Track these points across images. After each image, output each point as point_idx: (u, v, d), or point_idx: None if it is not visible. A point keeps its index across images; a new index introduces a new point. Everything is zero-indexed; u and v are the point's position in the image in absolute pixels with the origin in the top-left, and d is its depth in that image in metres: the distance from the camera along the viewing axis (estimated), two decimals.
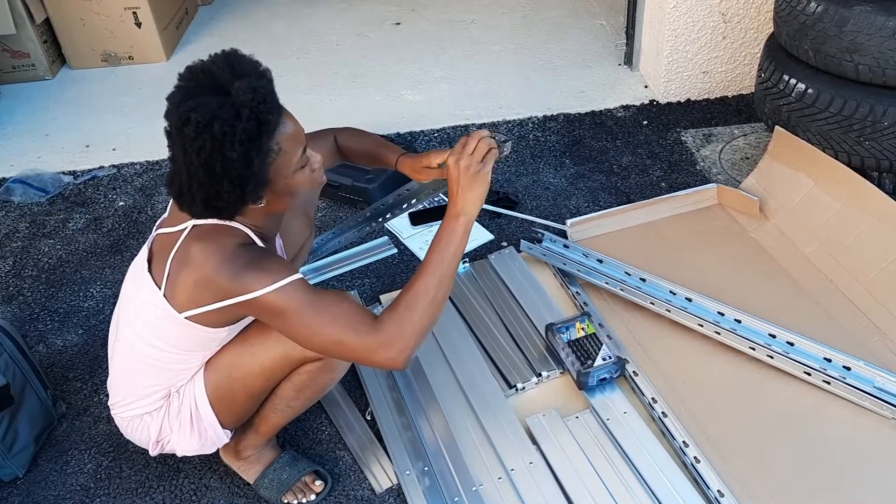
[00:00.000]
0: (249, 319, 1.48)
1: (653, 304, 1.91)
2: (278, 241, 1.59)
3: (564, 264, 2.06)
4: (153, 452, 1.56)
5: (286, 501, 1.61)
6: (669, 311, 1.89)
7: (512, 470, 1.61)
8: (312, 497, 1.62)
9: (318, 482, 1.64)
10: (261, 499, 1.63)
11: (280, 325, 1.34)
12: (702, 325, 1.84)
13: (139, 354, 1.47)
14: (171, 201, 1.50)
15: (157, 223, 1.51)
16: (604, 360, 1.75)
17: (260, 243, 1.41)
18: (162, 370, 1.48)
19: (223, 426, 1.53)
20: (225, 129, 1.22)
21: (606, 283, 1.98)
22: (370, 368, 1.86)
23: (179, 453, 1.57)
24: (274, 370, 1.48)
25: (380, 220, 1.93)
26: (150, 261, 1.45)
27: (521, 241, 2.17)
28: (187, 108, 1.23)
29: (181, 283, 1.36)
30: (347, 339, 1.31)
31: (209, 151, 1.23)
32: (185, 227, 1.39)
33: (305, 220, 1.74)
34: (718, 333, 1.82)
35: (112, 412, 1.57)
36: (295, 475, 1.62)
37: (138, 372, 1.49)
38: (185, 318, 1.38)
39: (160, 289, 1.39)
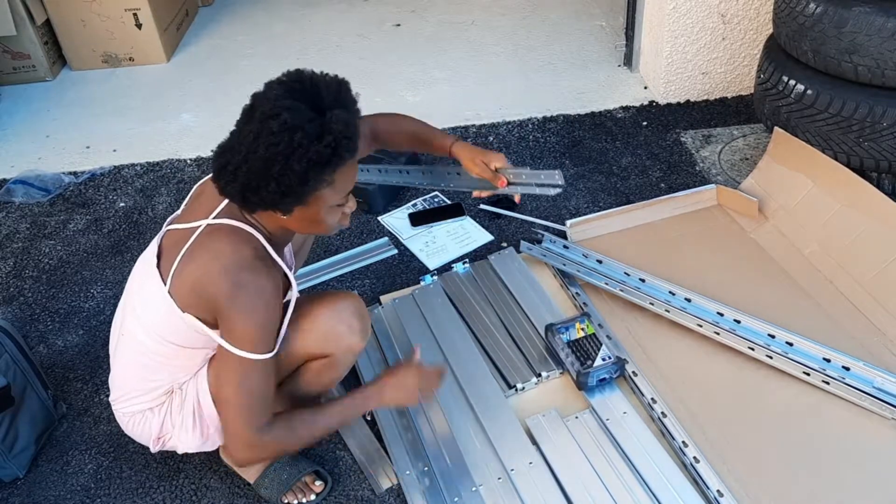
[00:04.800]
0: None
1: (652, 304, 1.92)
2: (287, 247, 1.60)
3: (564, 265, 2.07)
4: (154, 449, 1.57)
5: (286, 501, 1.61)
6: (669, 311, 1.89)
7: (512, 470, 1.61)
8: (312, 497, 1.62)
9: (318, 482, 1.64)
10: (261, 499, 1.63)
11: (222, 359, 1.41)
12: (701, 326, 1.85)
13: (143, 349, 1.47)
14: (187, 199, 1.52)
15: (169, 219, 1.52)
16: (603, 360, 1.75)
17: (271, 250, 1.42)
18: (165, 366, 1.48)
19: None
20: (303, 142, 1.25)
21: (606, 284, 1.98)
22: (370, 368, 1.86)
23: (181, 450, 1.57)
24: (277, 368, 1.48)
25: (414, 182, 1.96)
26: (159, 256, 1.45)
27: (521, 241, 2.17)
28: (284, 106, 1.26)
29: (184, 281, 1.38)
30: (236, 418, 1.40)
31: (278, 151, 1.25)
32: (200, 226, 1.40)
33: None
34: (718, 334, 1.82)
35: (113, 407, 1.57)
36: (295, 475, 1.62)
37: (141, 367, 1.49)
38: (187, 314, 1.39)
39: (165, 284, 1.40)
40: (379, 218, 2.41)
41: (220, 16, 3.90)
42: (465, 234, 2.30)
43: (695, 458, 1.59)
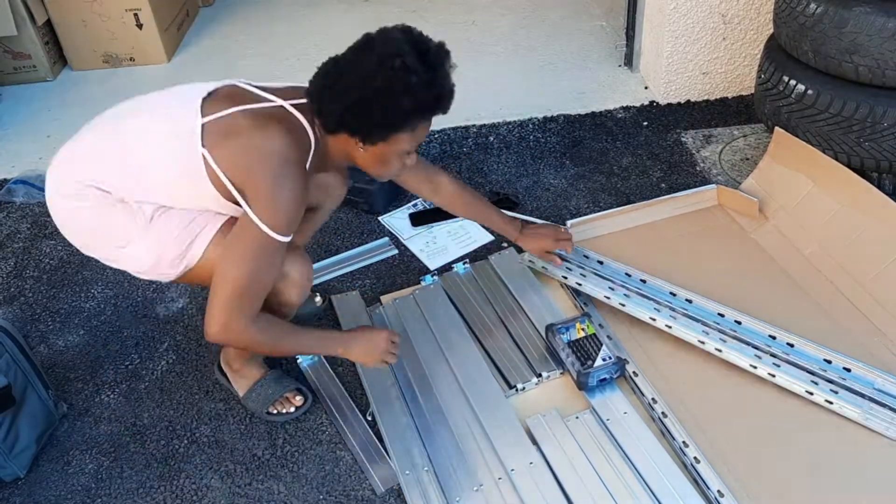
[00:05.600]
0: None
1: (654, 319, 1.87)
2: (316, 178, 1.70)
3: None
4: (104, 252, 1.59)
5: (270, 411, 1.79)
6: (670, 327, 1.84)
7: (512, 470, 1.61)
8: (292, 409, 1.79)
9: (298, 397, 1.79)
10: (260, 494, 1.64)
11: (235, 235, 1.46)
12: (703, 343, 1.80)
13: (143, 143, 1.52)
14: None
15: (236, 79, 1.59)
16: (604, 360, 1.76)
17: (309, 163, 1.52)
18: (134, 175, 1.51)
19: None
20: (417, 86, 1.39)
21: (607, 298, 1.93)
22: (370, 368, 1.86)
23: (122, 263, 1.59)
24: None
25: None
26: (211, 94, 1.52)
27: None
28: (406, 50, 1.39)
29: (237, 139, 1.45)
30: (227, 296, 1.43)
31: (394, 87, 1.38)
32: (275, 102, 1.50)
33: (335, 187, 1.86)
34: (720, 351, 1.78)
35: (61, 179, 1.56)
36: (279, 391, 1.79)
37: (113, 159, 1.53)
38: (203, 154, 1.45)
39: (203, 118, 1.47)
40: (379, 218, 2.41)
41: (220, 16, 3.90)
42: (465, 235, 2.30)
43: (695, 458, 1.59)
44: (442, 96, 1.43)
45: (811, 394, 1.69)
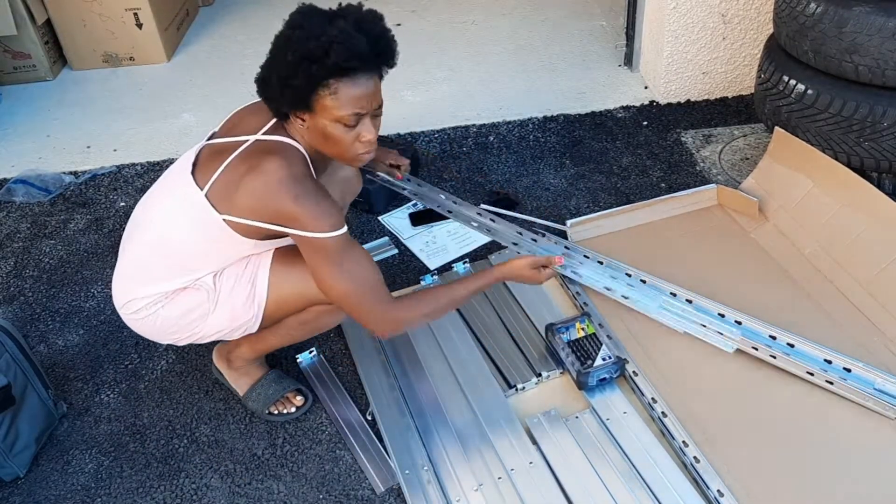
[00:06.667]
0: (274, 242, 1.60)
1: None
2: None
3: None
4: (184, 334, 1.64)
5: (271, 411, 1.78)
6: (705, 325, 1.85)
7: (512, 470, 1.61)
8: (293, 409, 1.78)
9: (298, 397, 1.80)
10: (260, 493, 1.64)
11: (311, 261, 1.48)
12: (723, 333, 1.81)
13: (166, 244, 1.56)
14: (224, 120, 1.63)
15: (207, 136, 1.61)
16: (603, 360, 1.76)
17: (311, 169, 1.53)
18: (179, 264, 1.57)
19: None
20: (301, 38, 1.40)
21: (610, 289, 1.97)
22: (370, 368, 1.87)
23: (208, 336, 1.63)
24: (288, 303, 1.61)
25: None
26: (195, 165, 1.56)
27: None
28: (300, 11, 1.45)
29: (241, 189, 1.46)
30: (357, 300, 1.48)
31: (281, 44, 1.43)
32: (247, 140, 1.52)
33: (352, 181, 1.91)
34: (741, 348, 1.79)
35: (135, 297, 1.61)
36: (280, 391, 1.79)
37: (163, 256, 1.58)
38: (224, 220, 1.49)
39: (202, 190, 1.50)
40: (379, 218, 2.41)
41: (220, 16, 3.90)
42: (465, 234, 2.30)
43: (695, 457, 1.59)
44: (330, 46, 1.37)
45: (812, 374, 1.69)
